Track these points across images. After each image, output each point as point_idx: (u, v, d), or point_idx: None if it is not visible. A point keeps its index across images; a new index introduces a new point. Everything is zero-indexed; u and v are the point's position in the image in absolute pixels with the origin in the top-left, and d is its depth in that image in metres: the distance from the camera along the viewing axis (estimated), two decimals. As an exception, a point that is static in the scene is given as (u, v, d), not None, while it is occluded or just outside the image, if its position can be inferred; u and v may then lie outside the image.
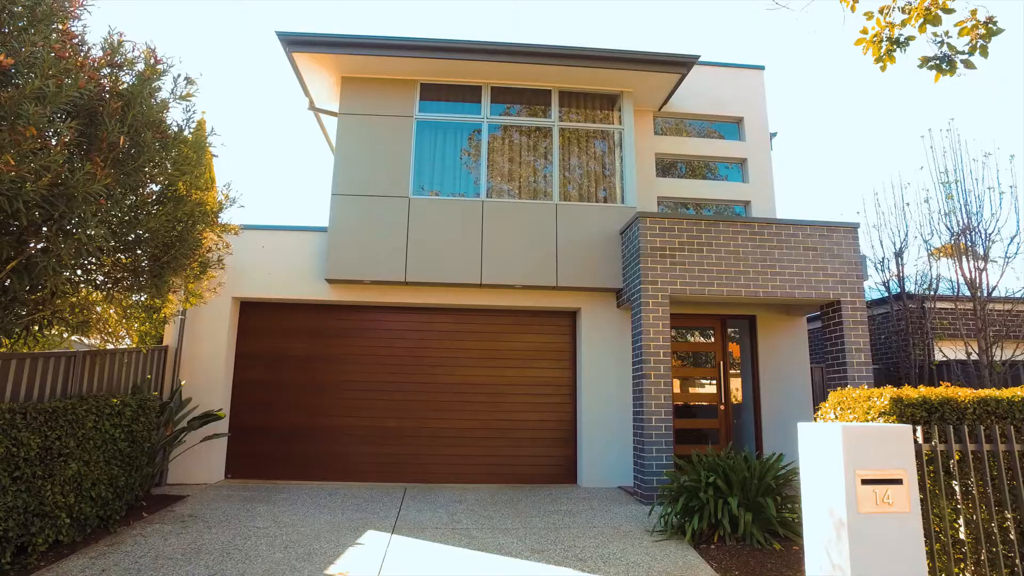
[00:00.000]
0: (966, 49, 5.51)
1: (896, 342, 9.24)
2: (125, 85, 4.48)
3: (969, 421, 3.64)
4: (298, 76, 8.73)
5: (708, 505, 5.40)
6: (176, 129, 4.89)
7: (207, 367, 7.85)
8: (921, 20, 5.45)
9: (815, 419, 4.56)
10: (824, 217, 9.21)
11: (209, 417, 6.68)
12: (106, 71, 4.49)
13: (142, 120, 4.32)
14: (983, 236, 8.03)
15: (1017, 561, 3.40)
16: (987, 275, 8.01)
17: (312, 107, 9.46)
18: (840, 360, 7.76)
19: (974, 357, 8.03)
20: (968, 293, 8.30)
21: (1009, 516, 3.48)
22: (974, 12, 5.37)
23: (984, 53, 5.45)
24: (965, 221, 8.10)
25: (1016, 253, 7.85)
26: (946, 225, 8.26)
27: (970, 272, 8.01)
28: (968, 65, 5.47)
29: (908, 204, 8.90)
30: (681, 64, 8.41)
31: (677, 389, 8.89)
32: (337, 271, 8.02)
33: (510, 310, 8.62)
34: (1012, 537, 3.44)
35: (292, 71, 8.64)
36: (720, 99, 9.70)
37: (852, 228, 8.00)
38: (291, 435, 8.14)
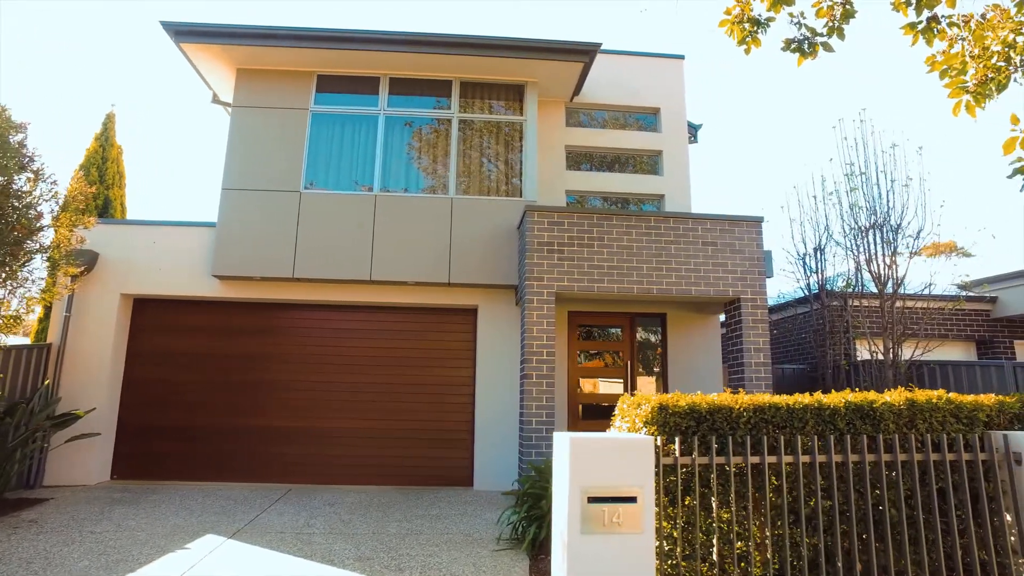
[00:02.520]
0: (825, 31, 5.27)
1: (815, 341, 8.92)
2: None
3: (743, 431, 3.38)
4: (195, 69, 8.52)
5: (549, 514, 5.15)
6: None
7: (91, 365, 7.69)
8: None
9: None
10: (749, 212, 8.93)
11: (68, 417, 6.52)
12: None
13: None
14: (891, 230, 7.68)
15: (765, 583, 3.14)
16: (895, 271, 7.67)
17: (216, 100, 9.26)
18: (739, 360, 7.47)
19: (879, 357, 7.70)
20: (881, 291, 7.97)
21: (769, 532, 3.22)
22: (829, -8, 5.11)
23: (841, 35, 5.23)
24: (873, 216, 7.76)
25: (920, 249, 7.51)
26: (854, 219, 7.92)
27: (876, 269, 7.68)
28: (827, 48, 5.26)
29: (818, 198, 8.56)
30: (583, 52, 8.10)
31: (594, 389, 8.65)
32: (224, 267, 7.84)
33: (408, 308, 8.39)
34: (768, 556, 3.18)
35: (189, 64, 8.44)
36: (637, 89, 9.38)
37: (756, 222, 7.69)
38: (183, 435, 7.97)
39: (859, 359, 8.49)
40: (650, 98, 9.38)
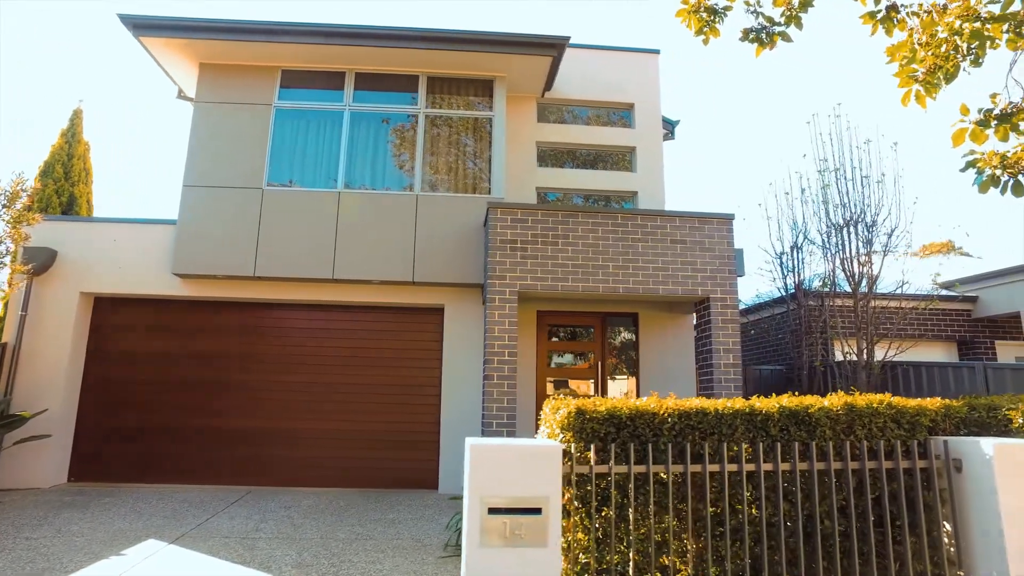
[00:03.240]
0: (783, 20, 5.12)
1: (792, 342, 8.72)
2: None
3: (667, 438, 3.20)
4: (158, 64, 8.38)
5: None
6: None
7: (48, 365, 7.55)
8: (730, -14, 5.06)
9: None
10: (728, 210, 8.78)
11: (15, 419, 6.38)
12: None
13: None
14: (866, 228, 7.49)
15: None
16: (870, 270, 7.47)
17: (181, 95, 9.12)
18: (708, 361, 7.30)
19: (852, 357, 7.51)
20: (863, 291, 7.77)
21: (692, 545, 3.04)
22: (786, -20, 4.95)
23: (798, 24, 5.07)
24: (846, 213, 7.57)
25: (897, 246, 7.31)
26: (828, 217, 7.73)
27: (850, 267, 7.48)
28: (784, 37, 5.10)
29: (791, 194, 8.36)
30: (551, 46, 7.93)
31: (563, 390, 8.48)
32: (184, 266, 7.69)
33: (374, 307, 8.23)
34: (691, 570, 3.01)
35: (152, 59, 8.30)
36: (611, 84, 9.20)
37: (726, 220, 7.51)
38: (144, 436, 7.83)
39: (837, 360, 8.30)
40: (624, 93, 9.20)
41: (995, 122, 3.77)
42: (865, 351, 7.33)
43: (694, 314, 8.62)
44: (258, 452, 7.87)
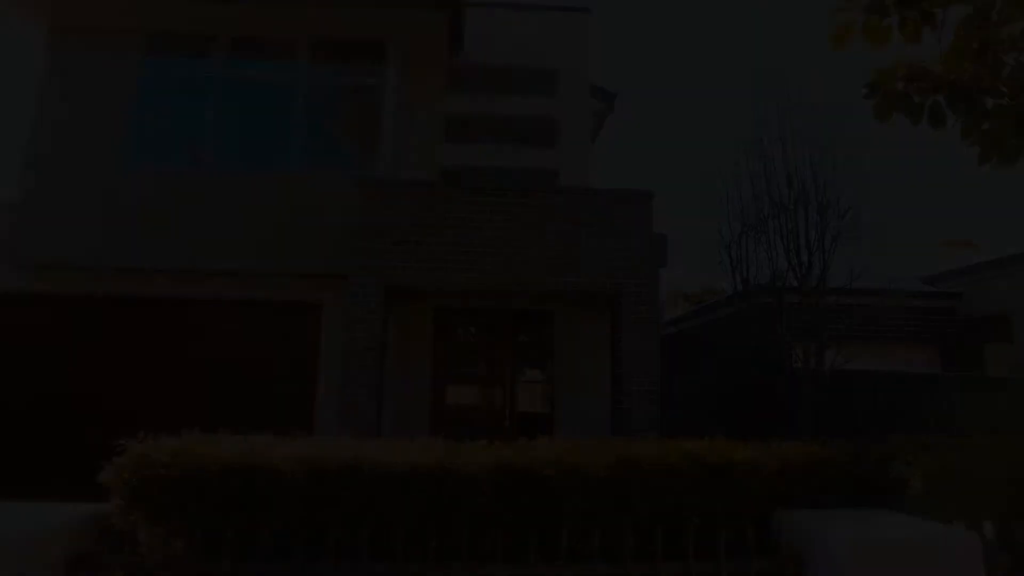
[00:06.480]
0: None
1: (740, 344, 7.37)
2: None
3: (293, 514, 1.96)
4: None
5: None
6: None
7: None
8: None
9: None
10: (670, 191, 7.51)
11: None
12: None
13: None
14: (817, 209, 6.14)
15: None
16: (822, 258, 6.12)
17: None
18: (617, 369, 6.04)
19: (798, 364, 6.16)
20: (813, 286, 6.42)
21: None
22: None
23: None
24: (794, 192, 6.23)
25: (856, 232, 5.96)
26: (771, 196, 6.40)
27: (795, 257, 6.15)
28: None
29: (724, 172, 7.05)
30: (445, 3, 6.78)
31: (465, 400, 7.31)
32: (20, 252, 6.71)
33: (243, 302, 7.12)
34: None
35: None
36: (531, 49, 7.98)
37: (643, 199, 6.26)
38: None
39: (792, 367, 6.94)
40: (547, 59, 7.99)
41: (896, 11, 2.49)
42: (813, 358, 5.98)
43: (622, 313, 7.36)
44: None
